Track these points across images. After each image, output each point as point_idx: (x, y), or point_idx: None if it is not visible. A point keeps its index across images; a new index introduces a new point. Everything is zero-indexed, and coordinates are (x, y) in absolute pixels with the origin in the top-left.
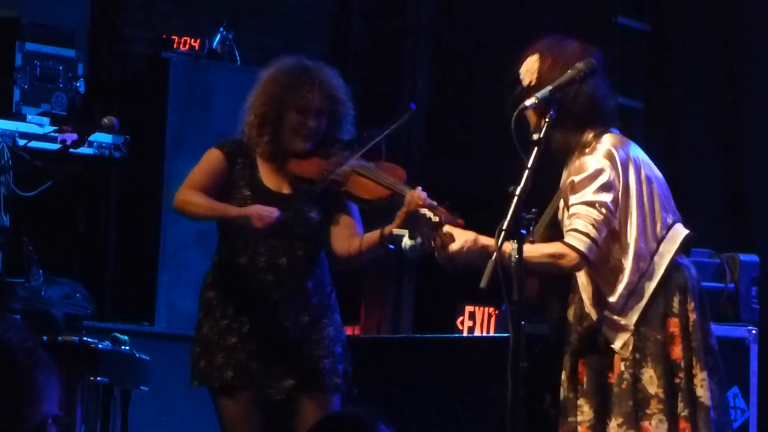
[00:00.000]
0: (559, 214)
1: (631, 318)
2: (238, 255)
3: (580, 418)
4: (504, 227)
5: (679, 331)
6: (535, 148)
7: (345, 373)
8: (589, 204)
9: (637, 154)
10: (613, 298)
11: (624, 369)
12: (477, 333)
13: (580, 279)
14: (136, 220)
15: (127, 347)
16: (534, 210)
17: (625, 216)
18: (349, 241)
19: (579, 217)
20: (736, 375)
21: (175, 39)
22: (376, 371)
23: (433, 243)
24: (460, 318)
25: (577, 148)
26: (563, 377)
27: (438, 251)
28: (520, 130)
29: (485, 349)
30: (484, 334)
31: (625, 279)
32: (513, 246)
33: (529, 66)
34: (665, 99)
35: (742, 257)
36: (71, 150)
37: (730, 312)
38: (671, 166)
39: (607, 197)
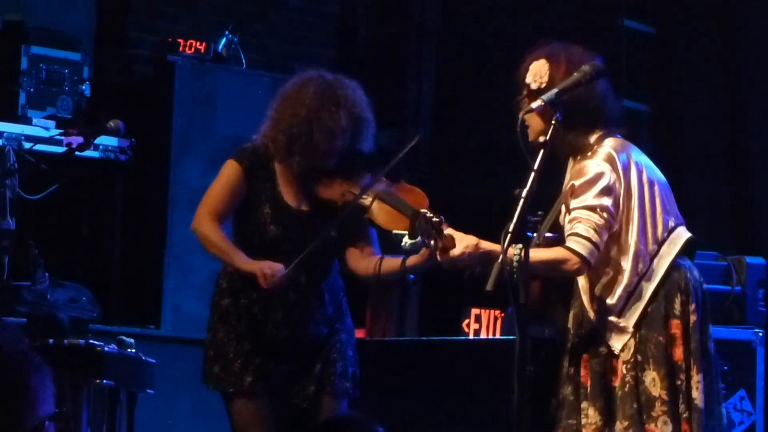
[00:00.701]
0: (560, 218)
1: (630, 319)
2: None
3: (585, 421)
4: (510, 230)
5: (680, 333)
6: (540, 151)
7: (353, 377)
8: (590, 208)
9: (639, 158)
10: (612, 300)
11: (626, 372)
12: (483, 336)
13: (580, 282)
14: (142, 223)
15: (133, 350)
16: (540, 213)
17: (626, 218)
18: (366, 261)
19: (580, 221)
20: (742, 378)
21: (181, 42)
22: (381, 374)
23: (433, 243)
24: (466, 321)
25: (579, 151)
26: (563, 380)
27: (439, 253)
28: (525, 133)
29: (491, 352)
30: (490, 337)
31: (624, 281)
32: (516, 249)
33: (537, 70)
34: (671, 101)
35: (749, 260)
36: (77, 153)
37: (737, 315)
38: (677, 169)
39: (607, 201)
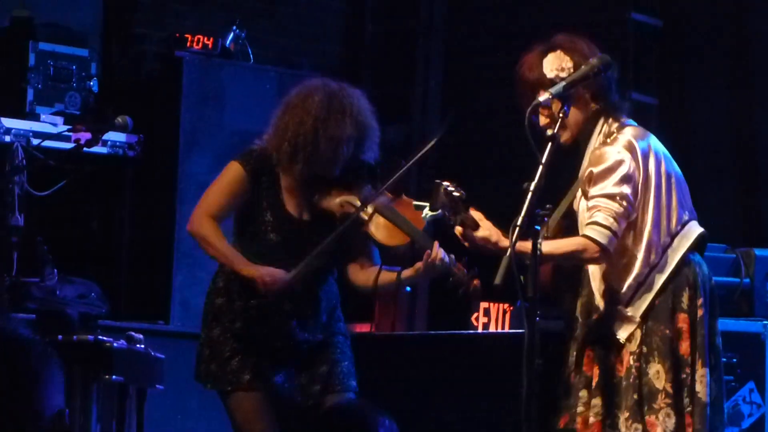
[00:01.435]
0: (575, 204)
1: (638, 309)
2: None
3: (593, 411)
4: (518, 223)
5: (687, 327)
6: (548, 144)
7: (355, 376)
8: (610, 196)
9: (658, 148)
10: (621, 289)
11: (632, 362)
12: (492, 329)
13: (591, 268)
14: (150, 219)
15: (142, 346)
16: (548, 206)
17: (642, 207)
18: (365, 272)
19: (599, 209)
20: (751, 370)
21: (188, 38)
22: (390, 368)
23: (453, 218)
24: (475, 314)
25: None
26: (569, 367)
27: (460, 228)
28: (533, 127)
29: (500, 346)
30: (499, 330)
31: (635, 270)
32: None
33: (556, 61)
34: (679, 94)
35: (757, 252)
36: (85, 149)
37: (745, 307)
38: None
39: (627, 189)
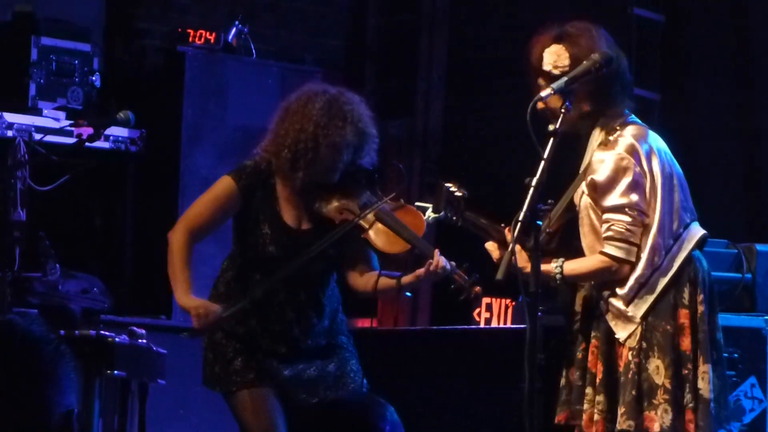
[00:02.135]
0: (575, 198)
1: (639, 310)
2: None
3: (598, 408)
4: (520, 219)
5: (688, 323)
6: (551, 140)
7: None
8: (618, 209)
9: (660, 147)
10: (623, 290)
11: (631, 358)
12: (494, 324)
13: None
14: (153, 214)
15: (144, 341)
16: (550, 201)
17: (650, 209)
18: (365, 277)
19: (612, 223)
20: (752, 365)
21: (191, 33)
22: (393, 363)
23: (455, 219)
24: (477, 309)
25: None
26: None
27: (492, 241)
28: (535, 122)
29: (502, 341)
30: (501, 325)
31: (638, 271)
32: (557, 264)
33: (555, 54)
34: (681, 89)
35: (759, 247)
36: (87, 144)
37: (747, 302)
38: (687, 157)
39: (635, 197)
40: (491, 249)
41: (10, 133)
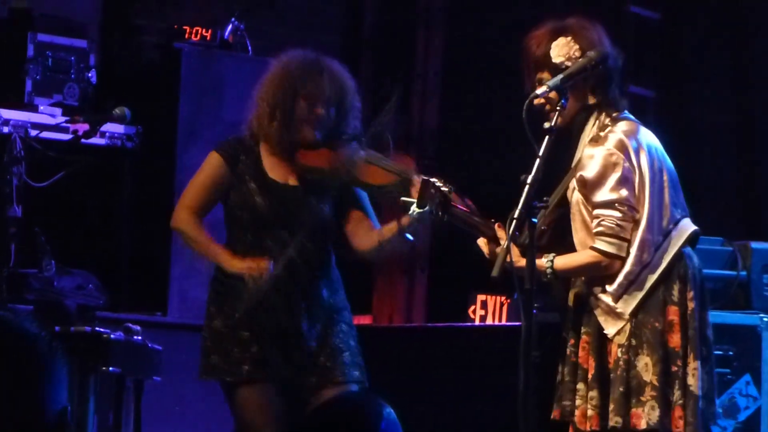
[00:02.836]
0: (568, 193)
1: (628, 306)
2: (246, 250)
3: (591, 403)
4: (515, 216)
5: (678, 319)
6: (546, 137)
7: (361, 367)
8: (608, 204)
9: (650, 143)
10: (611, 286)
11: (620, 355)
12: (489, 322)
13: None
14: (149, 210)
15: (139, 337)
16: (545, 198)
17: (638, 205)
18: (368, 235)
19: (602, 219)
20: (747, 363)
21: (187, 29)
22: (388, 360)
23: (440, 213)
24: (472, 307)
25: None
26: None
27: (487, 248)
28: (531, 119)
29: (497, 338)
30: (496, 323)
31: (627, 268)
32: (547, 260)
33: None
34: (677, 87)
35: (754, 245)
36: (83, 140)
37: (742, 300)
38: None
39: (624, 192)
40: (482, 245)
41: (6, 129)
